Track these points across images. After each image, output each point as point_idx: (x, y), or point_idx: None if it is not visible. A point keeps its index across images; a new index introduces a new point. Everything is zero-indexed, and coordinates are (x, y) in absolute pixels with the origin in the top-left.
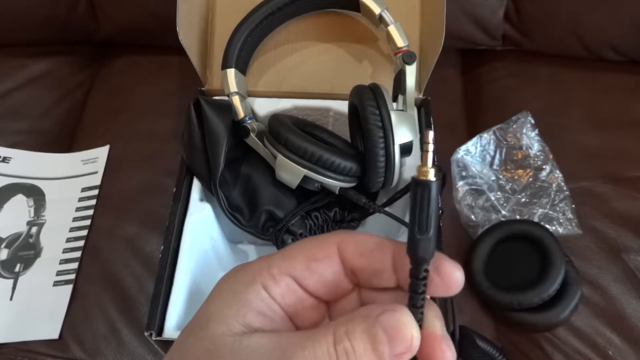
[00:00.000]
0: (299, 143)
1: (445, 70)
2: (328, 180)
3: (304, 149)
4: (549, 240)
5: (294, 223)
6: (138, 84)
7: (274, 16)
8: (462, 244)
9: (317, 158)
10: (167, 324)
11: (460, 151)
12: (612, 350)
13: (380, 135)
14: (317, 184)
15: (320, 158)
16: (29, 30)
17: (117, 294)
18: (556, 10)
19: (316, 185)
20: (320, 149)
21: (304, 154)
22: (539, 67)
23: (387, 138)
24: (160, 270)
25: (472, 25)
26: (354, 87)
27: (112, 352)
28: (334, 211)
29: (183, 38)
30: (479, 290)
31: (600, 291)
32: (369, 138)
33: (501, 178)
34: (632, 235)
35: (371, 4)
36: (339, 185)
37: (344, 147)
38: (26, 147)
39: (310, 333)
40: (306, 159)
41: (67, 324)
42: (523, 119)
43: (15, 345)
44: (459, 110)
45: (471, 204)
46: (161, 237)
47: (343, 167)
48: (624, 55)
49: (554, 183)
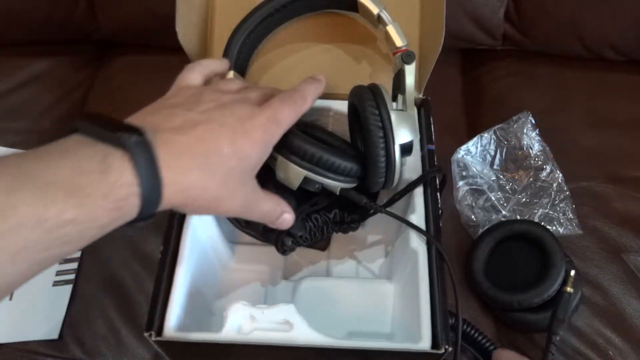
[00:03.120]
0: (299, 144)
1: (445, 70)
2: (329, 181)
3: (305, 150)
4: (549, 241)
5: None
6: (138, 84)
7: (273, 17)
8: (463, 244)
9: (317, 159)
10: (166, 325)
11: (461, 151)
12: (612, 350)
13: (380, 136)
14: (317, 185)
15: (320, 159)
16: (29, 30)
17: (117, 293)
18: (556, 10)
19: (317, 187)
20: (320, 150)
21: (304, 155)
22: (539, 67)
23: (387, 138)
24: (160, 271)
25: (472, 25)
26: (353, 87)
27: (112, 352)
28: (333, 213)
29: (182, 38)
30: (479, 290)
31: (600, 291)
32: (369, 138)
33: (501, 178)
34: (632, 235)
35: (369, 4)
36: (339, 186)
37: (344, 147)
38: (26, 146)
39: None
40: (307, 160)
41: (67, 324)
42: (524, 119)
43: (15, 345)
44: (459, 110)
45: (471, 204)
46: (161, 237)
47: (344, 167)
48: (624, 55)
49: (554, 183)
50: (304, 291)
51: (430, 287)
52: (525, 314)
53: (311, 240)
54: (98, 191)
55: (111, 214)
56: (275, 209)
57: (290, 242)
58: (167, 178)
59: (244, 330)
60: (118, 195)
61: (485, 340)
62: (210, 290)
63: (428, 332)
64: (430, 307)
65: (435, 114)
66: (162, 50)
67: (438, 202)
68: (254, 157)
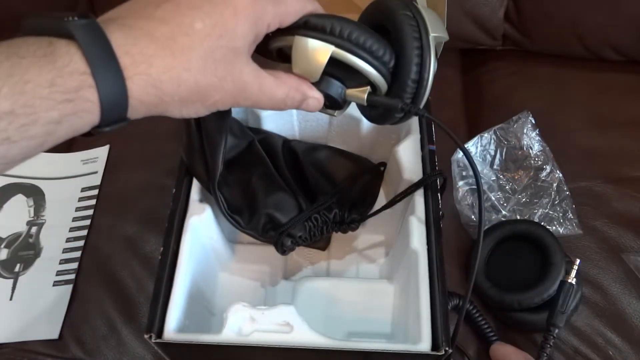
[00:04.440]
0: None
1: (445, 70)
2: (361, 63)
3: (330, 22)
4: (549, 240)
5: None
6: None
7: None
8: (462, 244)
9: (348, 32)
10: (166, 326)
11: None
12: (612, 350)
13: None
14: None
15: (351, 33)
16: None
17: (117, 294)
18: (556, 10)
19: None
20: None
21: (331, 28)
22: (539, 67)
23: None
24: (160, 271)
25: (473, 25)
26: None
27: (112, 352)
28: (333, 212)
29: None
30: (479, 290)
31: (600, 291)
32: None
33: (501, 178)
34: (633, 235)
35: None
36: (372, 72)
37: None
38: None
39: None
40: (334, 34)
41: (67, 324)
42: (524, 119)
43: (15, 345)
44: (459, 110)
45: (471, 203)
46: (161, 237)
47: (377, 47)
48: (624, 55)
49: (554, 183)
50: (304, 291)
51: (430, 288)
52: (525, 314)
53: (311, 240)
54: (40, 77)
55: (62, 107)
56: (293, 94)
57: (289, 242)
58: (128, 69)
59: (244, 331)
60: (68, 85)
61: (487, 327)
62: (211, 291)
63: (428, 334)
64: (430, 308)
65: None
66: None
67: (439, 205)
68: (239, 32)
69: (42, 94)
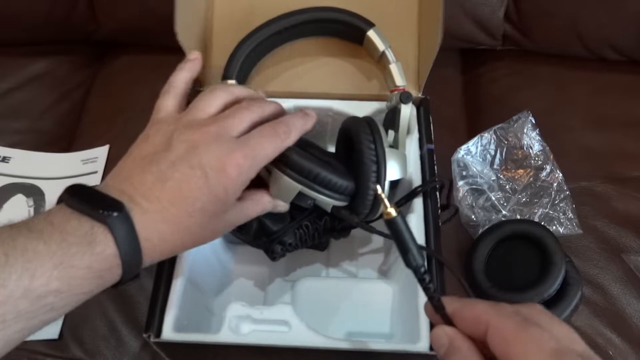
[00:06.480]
0: (297, 159)
1: (445, 70)
2: (323, 198)
3: (302, 165)
4: (550, 240)
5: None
6: (138, 84)
7: (280, 35)
8: (463, 244)
9: (314, 175)
10: (165, 326)
11: (461, 151)
12: (612, 350)
13: (373, 170)
14: (310, 201)
15: (317, 175)
16: (29, 30)
17: (117, 294)
18: (556, 10)
19: (309, 202)
20: (318, 166)
21: (301, 170)
22: (539, 67)
23: (379, 173)
24: (159, 272)
25: (473, 25)
26: (348, 117)
27: (112, 352)
28: (324, 220)
29: (181, 38)
30: (479, 290)
31: (600, 291)
32: (362, 171)
33: (501, 178)
34: (633, 235)
35: (376, 41)
36: (332, 203)
37: (339, 166)
38: (26, 146)
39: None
40: (303, 175)
41: (67, 324)
42: (524, 119)
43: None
44: (459, 110)
45: (471, 203)
46: None
47: (340, 185)
48: (624, 55)
49: (554, 183)
50: (303, 291)
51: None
52: None
53: (302, 246)
54: (83, 263)
55: (94, 282)
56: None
57: (279, 249)
58: (146, 248)
59: (242, 331)
60: (102, 267)
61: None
62: (210, 291)
63: (426, 333)
64: None
65: (435, 113)
66: (162, 50)
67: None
68: (231, 194)
69: (81, 276)
